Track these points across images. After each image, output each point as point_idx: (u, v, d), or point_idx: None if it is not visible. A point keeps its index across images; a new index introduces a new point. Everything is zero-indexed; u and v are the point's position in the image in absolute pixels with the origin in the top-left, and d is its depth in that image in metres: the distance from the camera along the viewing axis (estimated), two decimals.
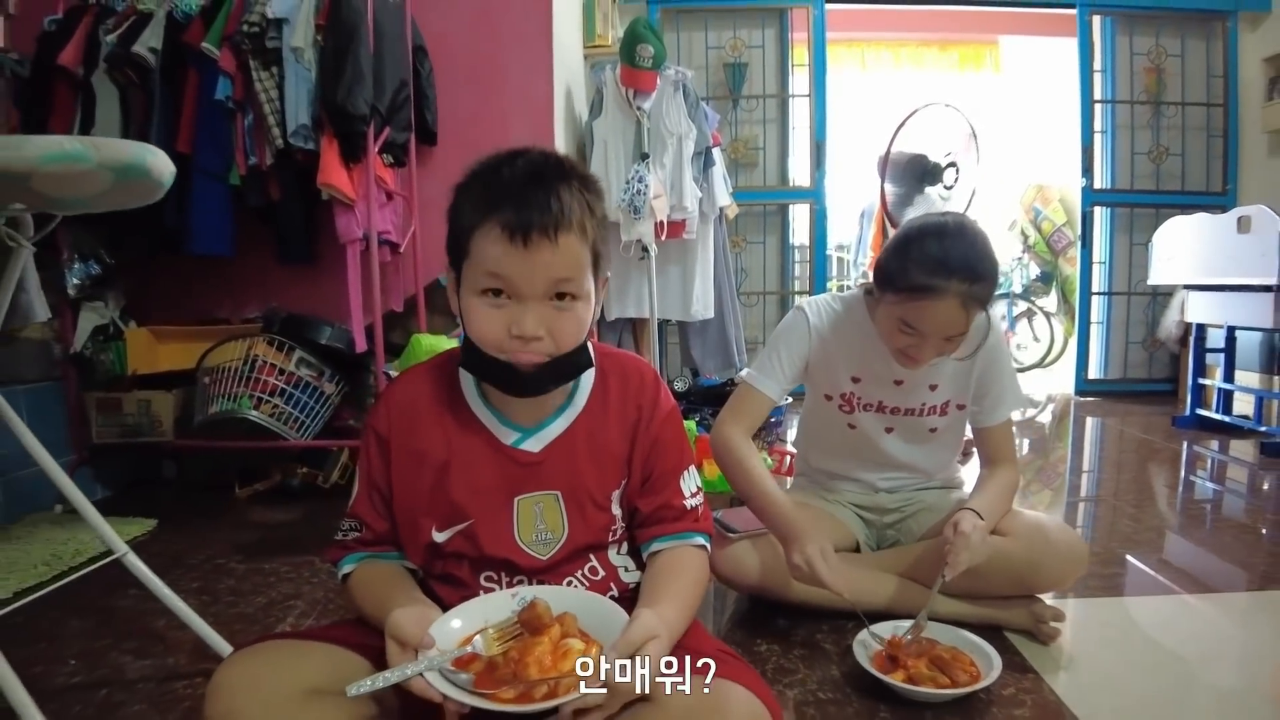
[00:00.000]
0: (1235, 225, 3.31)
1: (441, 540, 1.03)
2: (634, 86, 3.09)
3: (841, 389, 1.65)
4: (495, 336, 0.95)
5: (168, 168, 1.13)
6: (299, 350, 2.43)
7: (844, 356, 1.63)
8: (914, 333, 1.44)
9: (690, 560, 1.07)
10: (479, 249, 0.93)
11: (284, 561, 2.03)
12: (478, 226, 0.93)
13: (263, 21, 2.27)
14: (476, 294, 0.95)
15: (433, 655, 0.85)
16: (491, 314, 0.94)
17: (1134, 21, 4.67)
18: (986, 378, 1.62)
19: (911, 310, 1.42)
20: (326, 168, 2.21)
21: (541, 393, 1.02)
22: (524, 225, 0.90)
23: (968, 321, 1.42)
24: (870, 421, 1.67)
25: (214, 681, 0.89)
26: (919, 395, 1.63)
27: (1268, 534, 2.30)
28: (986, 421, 1.64)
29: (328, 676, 0.88)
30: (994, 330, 1.60)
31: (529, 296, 0.93)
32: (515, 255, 0.91)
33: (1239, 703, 1.33)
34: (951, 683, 1.27)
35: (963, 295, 1.38)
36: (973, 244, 1.42)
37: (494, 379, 1.01)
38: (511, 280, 0.93)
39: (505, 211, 0.91)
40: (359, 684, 0.81)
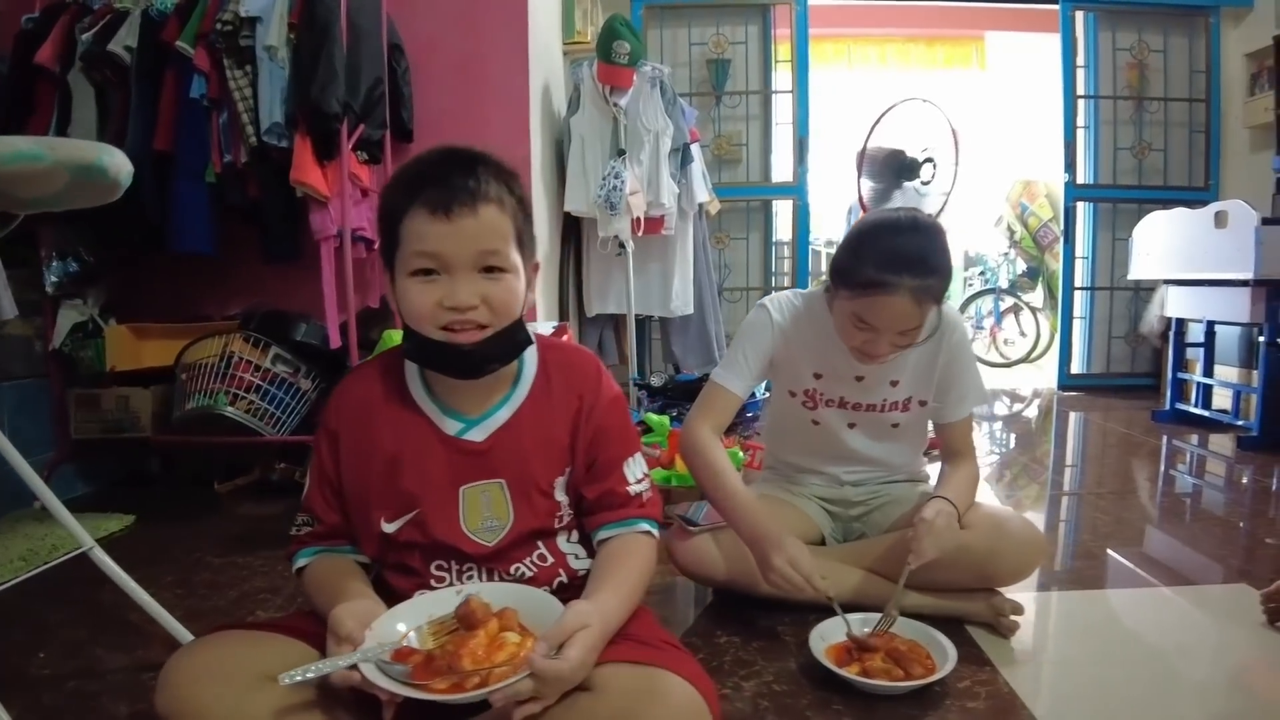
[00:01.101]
0: (1213, 220, 3.32)
1: (391, 531, 1.06)
2: (611, 83, 3.11)
3: (804, 385, 1.67)
4: (429, 311, 0.98)
5: (125, 167, 1.14)
6: (275, 347, 2.44)
7: (806, 353, 1.65)
8: (868, 328, 1.45)
9: (634, 547, 1.09)
10: (407, 232, 0.98)
11: (260, 555, 2.05)
12: (404, 212, 0.97)
13: (236, 20, 2.28)
14: (408, 276, 0.99)
15: (367, 648, 0.87)
16: (424, 289, 0.98)
17: (1116, 17, 4.70)
18: (949, 375, 1.63)
19: (865, 306, 1.43)
20: (300, 165, 2.22)
21: (485, 372, 1.04)
22: (445, 200, 0.95)
23: (921, 316, 1.43)
24: (833, 417, 1.68)
25: (165, 672, 0.91)
26: (880, 391, 1.64)
27: (1245, 527, 2.33)
28: (949, 418, 1.66)
29: (279, 666, 0.88)
30: (957, 327, 1.63)
31: (458, 268, 0.97)
32: (440, 229, 0.96)
33: (1191, 693, 1.35)
34: (906, 675, 1.29)
35: (914, 290, 1.39)
36: (925, 240, 1.43)
37: (438, 362, 1.04)
38: (440, 254, 0.97)
39: (427, 191, 0.96)
40: (290, 674, 0.83)
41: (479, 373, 1.04)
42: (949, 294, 1.54)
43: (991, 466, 3.18)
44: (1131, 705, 1.31)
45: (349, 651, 0.87)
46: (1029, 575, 1.57)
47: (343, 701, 0.92)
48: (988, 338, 6.43)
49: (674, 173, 3.31)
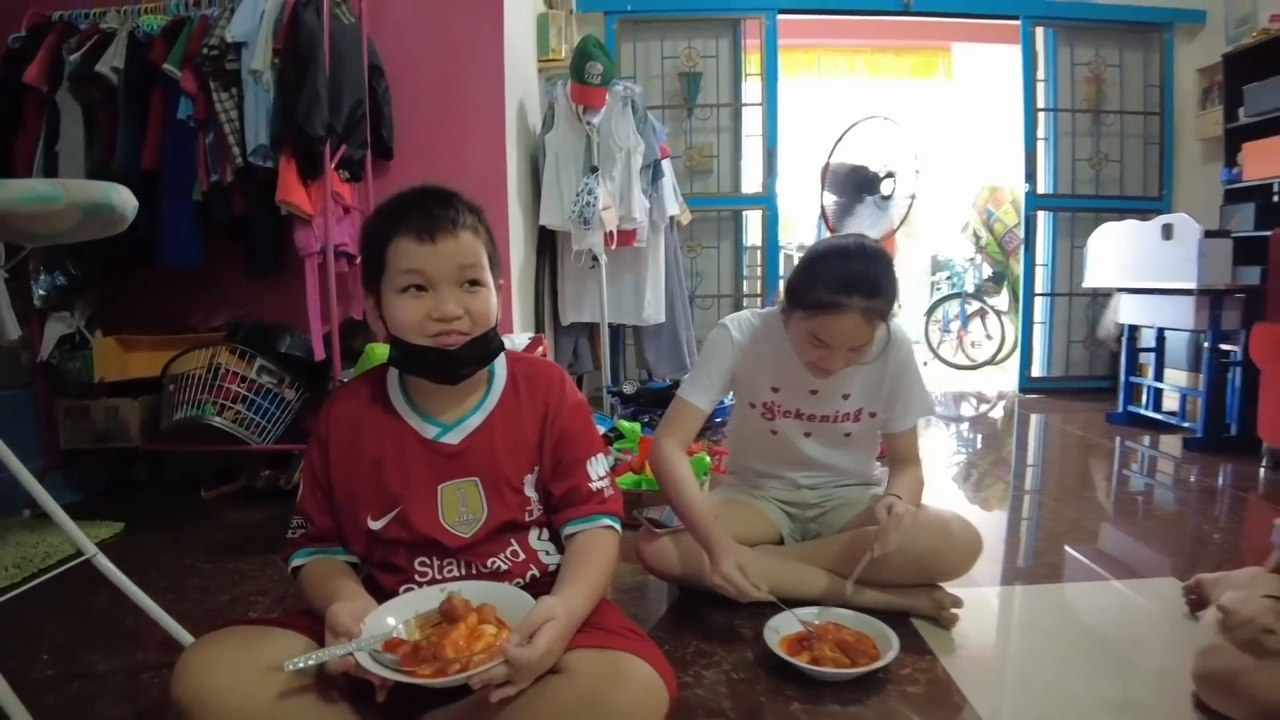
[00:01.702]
0: (1160, 232, 3.48)
1: (377, 528, 1.17)
2: (584, 103, 3.21)
3: (763, 398, 1.80)
4: (419, 322, 1.12)
5: (131, 203, 1.24)
6: (261, 358, 2.53)
7: (764, 368, 1.78)
8: (823, 345, 1.58)
9: (598, 542, 1.21)
10: (394, 257, 1.12)
11: (248, 560, 2.13)
12: (390, 239, 1.12)
13: (222, 45, 2.37)
14: (397, 293, 1.12)
15: (361, 639, 0.98)
16: (413, 304, 1.12)
17: (1074, 33, 4.85)
18: (895, 388, 1.77)
19: (819, 325, 1.56)
20: (285, 185, 2.31)
21: (467, 375, 1.18)
22: (429, 226, 1.11)
23: (871, 333, 1.57)
24: (790, 427, 1.82)
25: (181, 663, 1.01)
26: (833, 404, 1.78)
27: (1189, 524, 2.48)
28: (895, 428, 1.80)
29: (282, 657, 0.98)
30: (903, 345, 1.76)
31: (443, 283, 1.12)
32: (426, 251, 1.10)
33: (1111, 678, 1.47)
34: (852, 663, 1.41)
35: (864, 310, 1.53)
36: (872, 263, 1.57)
37: (425, 367, 1.17)
38: (427, 272, 1.11)
39: (412, 221, 1.11)
40: (294, 661, 0.95)
41: (461, 375, 1.17)
42: (897, 309, 1.67)
43: (958, 466, 3.33)
44: (1055, 688, 1.43)
45: (345, 643, 0.98)
46: (967, 572, 1.69)
47: (339, 687, 1.02)
48: (954, 340, 6.59)
49: (645, 188, 3.42)
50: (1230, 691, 1.24)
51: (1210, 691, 1.29)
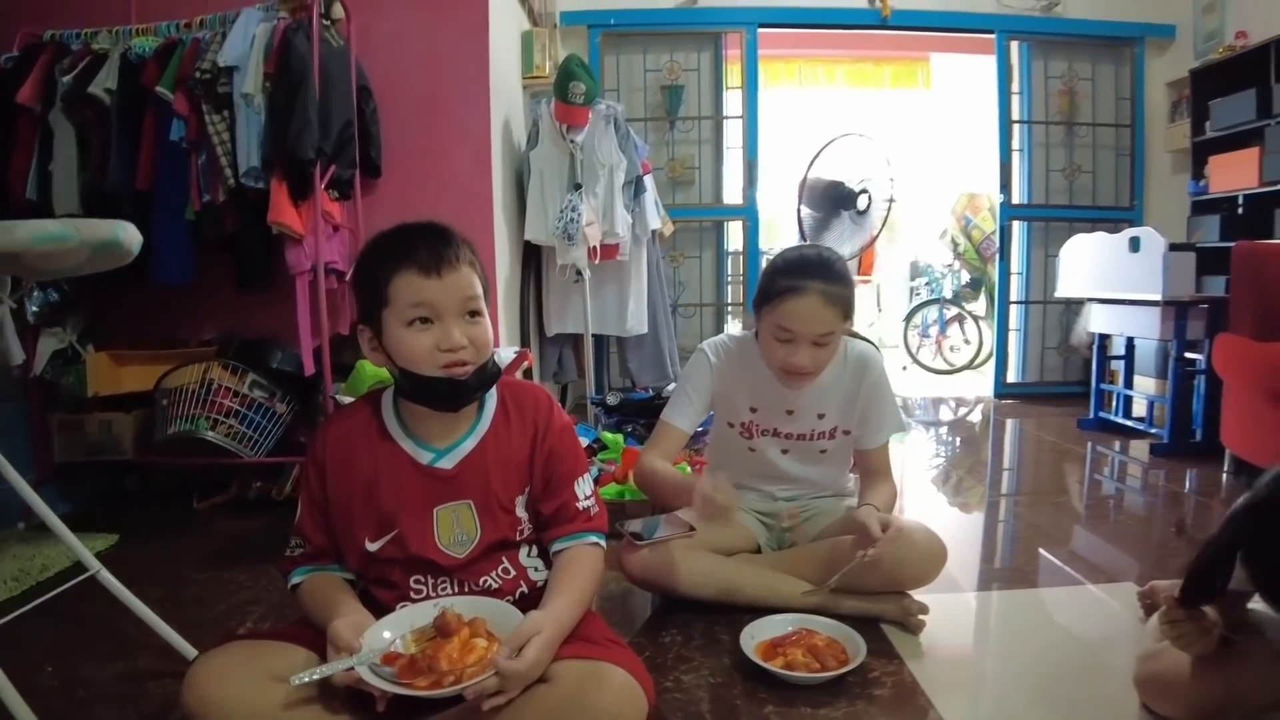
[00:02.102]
0: (1128, 245, 3.58)
1: (374, 549, 1.24)
2: (567, 122, 3.29)
3: (741, 418, 1.89)
4: (428, 354, 1.18)
5: (136, 239, 1.31)
6: (252, 373, 2.59)
7: (741, 389, 1.87)
8: (789, 335, 1.67)
9: (584, 557, 1.29)
10: (399, 291, 1.17)
11: (243, 570, 2.18)
12: (395, 274, 1.17)
13: (214, 69, 2.42)
14: (404, 326, 1.18)
15: (363, 653, 1.06)
16: (421, 337, 1.18)
17: (1048, 47, 4.96)
18: (868, 408, 1.86)
19: (782, 313, 1.67)
20: (276, 207, 2.37)
21: (471, 401, 1.26)
22: (435, 261, 1.17)
23: (832, 321, 1.66)
24: (768, 445, 1.91)
25: (191, 673, 1.09)
26: (809, 423, 1.87)
27: (1155, 529, 2.57)
28: (868, 445, 1.89)
29: (285, 668, 1.07)
30: (876, 366, 1.87)
31: (449, 314, 1.18)
32: (433, 284, 1.17)
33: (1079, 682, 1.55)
34: (822, 667, 1.49)
35: (822, 292, 1.64)
36: (827, 256, 1.73)
37: (435, 397, 1.23)
38: (434, 304, 1.17)
39: (418, 255, 1.17)
40: (299, 676, 1.02)
41: (466, 402, 1.25)
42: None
43: (935, 469, 3.43)
44: (1017, 691, 1.52)
45: (347, 658, 1.05)
46: (931, 581, 1.77)
47: (340, 697, 1.09)
48: (933, 345, 6.69)
49: (628, 203, 3.50)
50: (1166, 694, 1.32)
51: (1150, 695, 1.37)
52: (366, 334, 1.24)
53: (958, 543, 2.36)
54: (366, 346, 1.25)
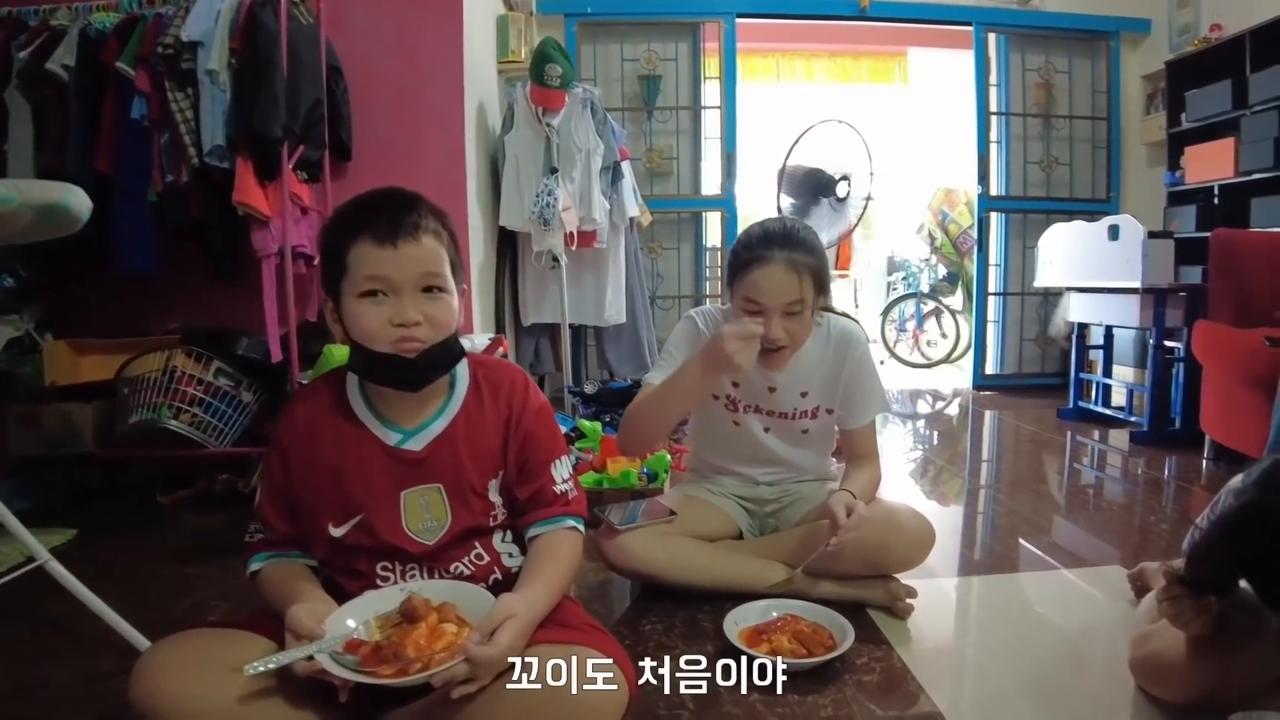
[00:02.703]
0: (1106, 233, 3.58)
1: (339, 535, 1.17)
2: (543, 105, 3.23)
3: (726, 390, 1.84)
4: (379, 328, 1.11)
5: (86, 204, 1.23)
6: (217, 361, 2.51)
7: None
8: (757, 306, 1.63)
9: (561, 542, 1.22)
10: (356, 261, 1.10)
11: (208, 564, 2.10)
12: (352, 243, 1.11)
13: (177, 44, 2.34)
14: (357, 298, 1.11)
15: (322, 640, 0.99)
16: (373, 310, 1.11)
17: (1025, 40, 4.97)
18: (852, 386, 1.82)
19: (749, 284, 1.63)
20: (242, 187, 2.29)
21: (427, 382, 1.17)
22: (392, 230, 1.10)
23: (800, 289, 1.61)
24: (751, 421, 1.86)
25: (138, 667, 1.01)
26: (791, 401, 1.82)
27: (1136, 514, 2.57)
28: (852, 424, 1.85)
29: (243, 659, 0.99)
30: (860, 344, 1.82)
31: (404, 288, 1.11)
32: (388, 256, 1.09)
33: (1064, 663, 1.53)
34: (808, 654, 1.44)
35: (786, 260, 1.60)
36: (791, 226, 1.70)
37: (386, 375, 1.16)
38: (388, 277, 1.10)
39: (375, 224, 1.10)
40: (254, 664, 0.95)
41: (422, 383, 1.17)
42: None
43: (914, 462, 3.40)
44: (1008, 675, 1.48)
45: (307, 645, 0.98)
46: (919, 564, 1.74)
47: (301, 689, 1.02)
48: (910, 339, 6.69)
49: (605, 189, 3.45)
50: (1163, 677, 1.29)
51: (1145, 677, 1.34)
52: (329, 305, 1.18)
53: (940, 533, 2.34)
54: (329, 317, 1.19)
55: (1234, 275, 3.05)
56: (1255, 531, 1.05)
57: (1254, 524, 1.05)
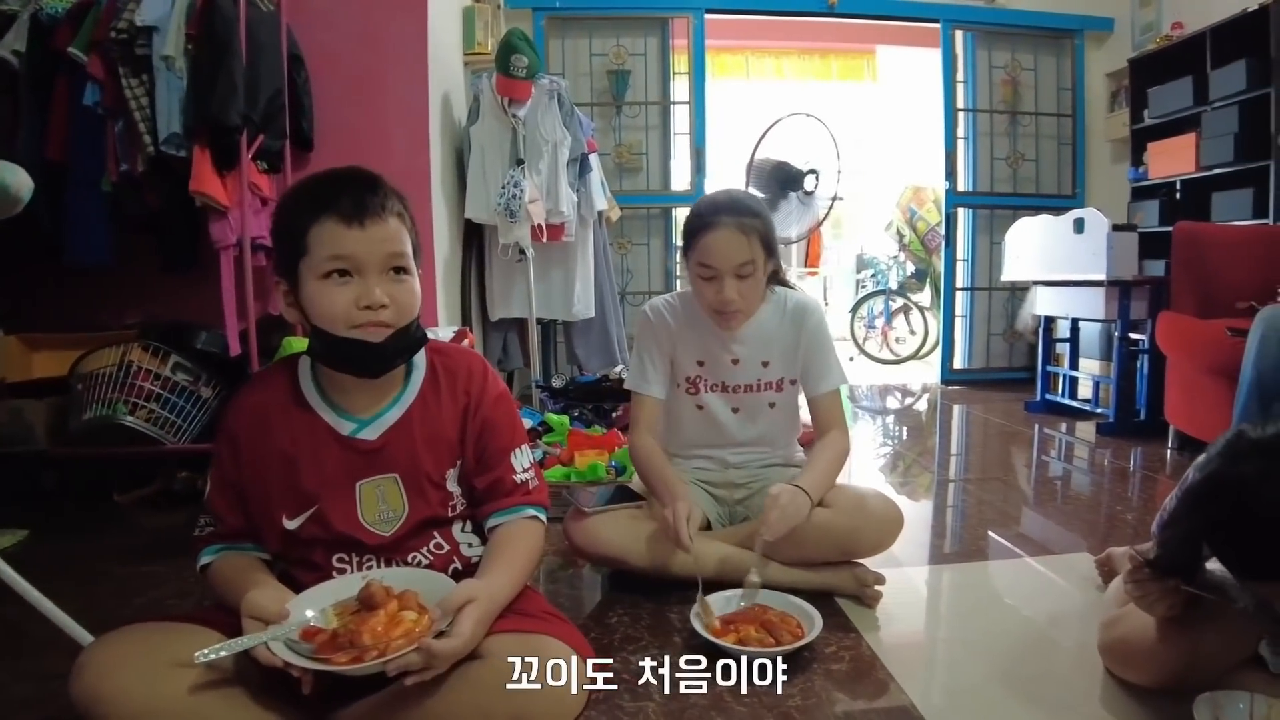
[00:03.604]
0: (1072, 226, 3.61)
1: (293, 527, 1.13)
2: (509, 95, 3.19)
3: (688, 372, 1.85)
4: (345, 310, 1.08)
5: (26, 184, 1.18)
6: (175, 355, 2.45)
7: (686, 344, 1.85)
8: (710, 271, 1.69)
9: (522, 531, 1.20)
10: (319, 240, 1.07)
11: (166, 563, 2.04)
12: (314, 223, 1.07)
13: (131, 28, 2.27)
14: (320, 279, 1.08)
15: (276, 628, 0.95)
16: (338, 291, 1.08)
17: (992, 37, 5.01)
18: (810, 354, 1.84)
19: (701, 250, 1.70)
20: (199, 176, 2.23)
21: (392, 368, 1.15)
22: (359, 210, 1.07)
23: (749, 250, 1.68)
24: (717, 402, 1.86)
25: (78, 663, 0.97)
26: (754, 372, 1.84)
27: (1103, 504, 2.58)
28: (814, 391, 1.86)
29: (193, 652, 0.94)
30: (815, 313, 1.87)
31: (370, 269, 1.08)
32: (354, 235, 1.06)
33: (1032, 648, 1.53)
34: (776, 643, 1.42)
35: (732, 223, 1.68)
36: (735, 194, 1.80)
37: (348, 361, 1.13)
38: (355, 257, 1.07)
39: (341, 203, 1.07)
40: (205, 652, 0.91)
41: (386, 369, 1.14)
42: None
43: (884, 457, 3.41)
44: (977, 662, 1.48)
45: (259, 633, 0.95)
46: (888, 548, 1.74)
47: (255, 682, 0.99)
48: (879, 336, 6.73)
49: (572, 182, 3.41)
50: (1131, 660, 1.28)
51: (1114, 661, 1.34)
52: (282, 287, 1.14)
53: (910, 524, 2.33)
54: (282, 301, 1.14)
55: (1196, 267, 3.09)
56: (1221, 501, 1.04)
57: (1219, 493, 1.05)
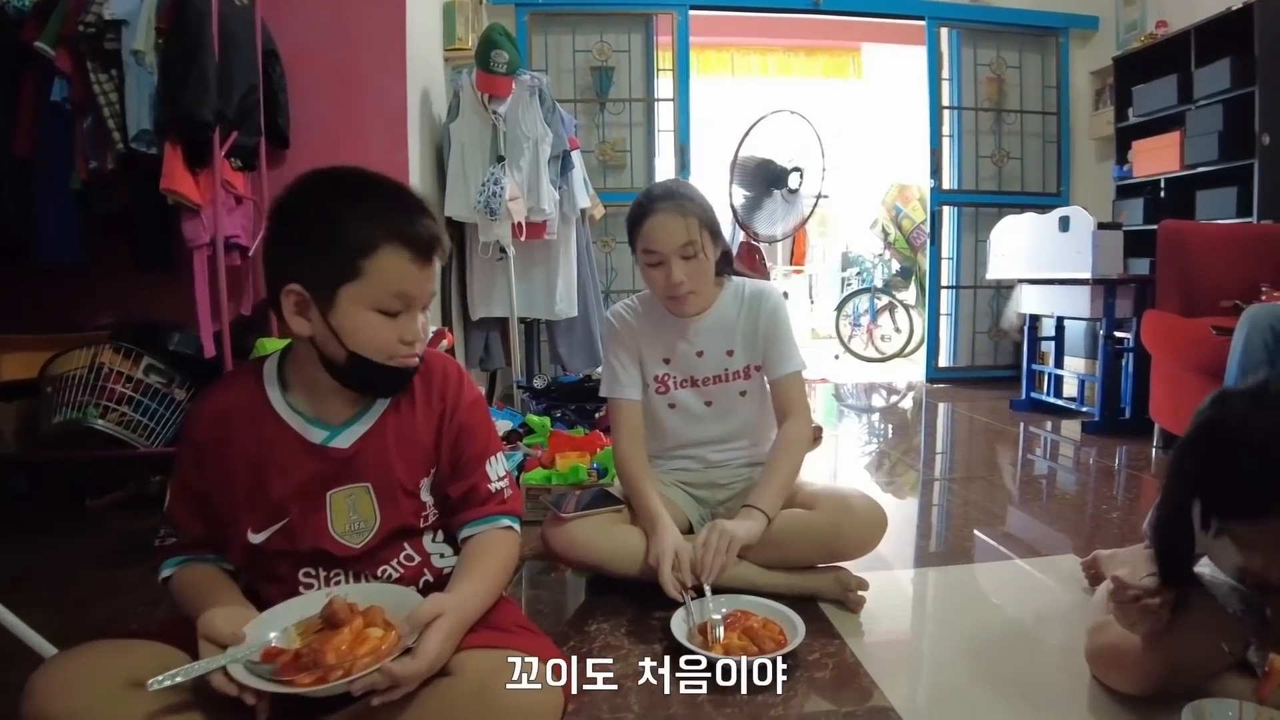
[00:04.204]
0: (1057, 225, 3.61)
1: (259, 541, 1.08)
2: (489, 91, 3.15)
3: (656, 371, 1.85)
4: (389, 345, 1.05)
5: None
6: (148, 357, 2.39)
7: (651, 344, 1.85)
8: (656, 256, 1.72)
9: (496, 542, 1.16)
10: (382, 271, 1.01)
11: (138, 570, 1.98)
12: (382, 246, 1.00)
13: (100, 22, 2.22)
14: (370, 310, 1.03)
15: (235, 650, 0.91)
16: (388, 326, 1.04)
17: (977, 34, 5.00)
18: (769, 338, 1.84)
19: (644, 237, 1.73)
20: (170, 173, 2.18)
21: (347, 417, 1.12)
22: (427, 246, 1.04)
23: (689, 230, 1.71)
24: (689, 398, 1.86)
25: (31, 682, 0.91)
26: (719, 361, 1.84)
27: (1089, 504, 2.57)
28: (775, 374, 1.85)
29: (150, 672, 0.89)
30: (772, 298, 1.88)
31: (416, 306, 1.07)
32: (423, 273, 1.04)
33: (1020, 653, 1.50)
34: (759, 651, 1.39)
35: (671, 207, 1.71)
36: (674, 182, 1.87)
37: (379, 385, 1.11)
38: (415, 297, 1.05)
39: (415, 232, 1.02)
40: (159, 678, 0.86)
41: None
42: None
43: (870, 456, 3.39)
44: (962, 667, 1.45)
45: (218, 655, 0.91)
46: (873, 549, 1.71)
47: (216, 704, 0.93)
48: (864, 334, 6.73)
49: (554, 179, 3.37)
50: (1118, 666, 1.26)
51: (1101, 667, 1.32)
52: (297, 297, 1.03)
53: (895, 524, 2.31)
54: (291, 309, 1.04)
55: (1181, 266, 3.08)
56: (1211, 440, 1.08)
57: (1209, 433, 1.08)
